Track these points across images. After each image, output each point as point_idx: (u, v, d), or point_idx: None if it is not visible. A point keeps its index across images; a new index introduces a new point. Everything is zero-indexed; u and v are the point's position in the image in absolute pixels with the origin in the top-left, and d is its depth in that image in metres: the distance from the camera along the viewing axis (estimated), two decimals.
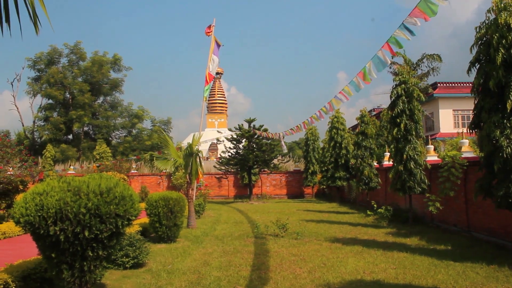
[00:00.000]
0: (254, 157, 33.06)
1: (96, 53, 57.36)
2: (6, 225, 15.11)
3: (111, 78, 57.75)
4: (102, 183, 6.45)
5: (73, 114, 52.90)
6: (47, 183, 6.59)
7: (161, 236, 13.50)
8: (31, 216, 6.15)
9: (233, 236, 15.02)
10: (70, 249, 6.34)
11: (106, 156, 40.79)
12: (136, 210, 6.76)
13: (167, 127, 58.43)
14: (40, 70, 56.41)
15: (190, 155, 16.44)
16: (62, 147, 50.48)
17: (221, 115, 65.25)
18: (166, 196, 13.44)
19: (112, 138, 58.33)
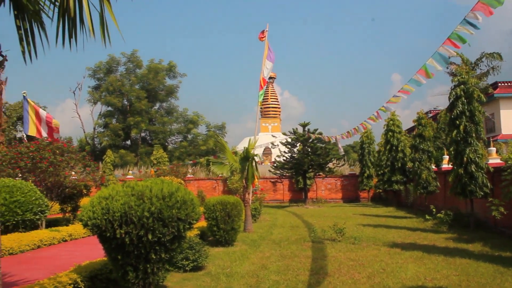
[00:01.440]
0: (309, 161, 32.92)
1: (152, 61, 58.83)
2: (72, 227, 15.70)
3: (166, 85, 59.02)
4: (164, 187, 6.62)
5: (131, 120, 54.45)
6: (112, 187, 6.82)
7: (219, 240, 13.67)
8: (98, 219, 6.38)
9: (289, 240, 15.01)
10: (135, 251, 6.53)
11: (163, 161, 41.64)
12: (197, 214, 6.89)
13: (221, 132, 59.14)
14: (99, 79, 58.53)
15: (247, 159, 16.58)
16: (121, 152, 52.07)
17: (275, 119, 65.37)
18: (224, 200, 13.60)
19: (168, 143, 59.56)
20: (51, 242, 13.71)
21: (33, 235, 13.30)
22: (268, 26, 23.76)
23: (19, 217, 13.78)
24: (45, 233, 14.03)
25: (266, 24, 25.65)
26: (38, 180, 16.68)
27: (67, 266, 9.28)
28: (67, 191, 17.53)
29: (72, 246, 13.69)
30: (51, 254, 12.04)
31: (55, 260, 11.02)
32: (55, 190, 17.28)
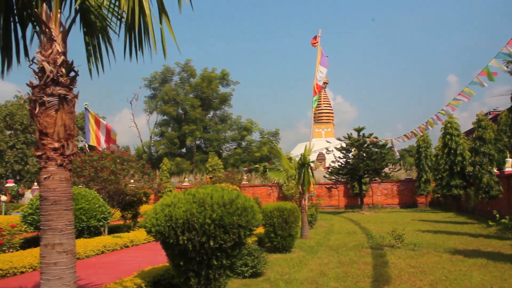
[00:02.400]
0: (364, 166, 32.53)
1: (205, 70, 59.84)
2: (133, 234, 16.16)
3: (220, 93, 59.82)
4: (225, 195, 6.74)
5: (186, 128, 55.53)
6: (174, 195, 7.01)
7: (276, 246, 13.72)
8: (161, 226, 6.57)
9: (347, 246, 14.88)
10: (197, 257, 6.67)
11: (218, 168, 42.19)
12: (257, 221, 6.97)
13: (275, 139, 59.29)
14: (155, 89, 60.10)
15: (303, 165, 16.59)
16: (177, 160, 53.15)
17: (328, 124, 64.88)
18: (281, 206, 13.65)
19: (223, 150, 60.26)
20: (114, 248, 14.15)
21: (97, 241, 13.78)
22: (320, 32, 23.72)
23: (84, 224, 14.30)
24: (108, 239, 14.50)
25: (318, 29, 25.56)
26: (101, 188, 17.30)
27: (130, 271, 9.57)
28: (128, 198, 18.10)
29: (134, 252, 14.08)
30: (114, 260, 12.43)
31: (118, 265, 11.37)
32: (116, 198, 17.88)
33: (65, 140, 4.57)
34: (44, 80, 4.50)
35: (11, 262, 10.13)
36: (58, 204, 4.47)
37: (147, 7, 4.57)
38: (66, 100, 4.58)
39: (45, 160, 4.51)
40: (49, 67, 4.49)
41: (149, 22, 4.61)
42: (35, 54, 4.60)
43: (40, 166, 4.56)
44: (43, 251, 4.48)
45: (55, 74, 4.50)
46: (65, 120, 4.57)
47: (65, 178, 4.59)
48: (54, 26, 4.57)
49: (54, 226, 4.45)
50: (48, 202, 4.47)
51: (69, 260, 4.53)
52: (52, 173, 4.51)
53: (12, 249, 12.57)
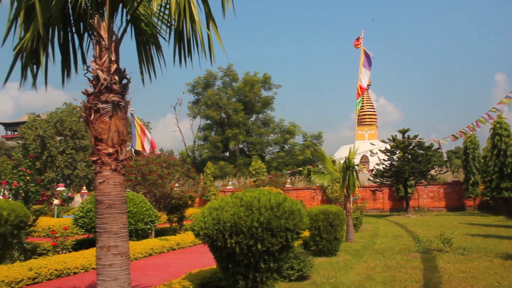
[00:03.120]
0: (409, 168, 31.98)
1: (247, 74, 60.06)
2: (180, 237, 16.40)
3: (262, 97, 59.92)
4: (272, 198, 6.78)
5: (229, 132, 55.92)
6: (221, 198, 7.10)
7: (322, 250, 13.67)
8: (209, 229, 6.66)
9: (393, 250, 14.67)
10: (244, 260, 6.73)
11: (262, 172, 42.30)
12: (304, 224, 6.98)
13: (318, 141, 58.95)
14: (198, 94, 60.79)
15: (347, 168, 16.48)
16: (220, 164, 53.58)
17: (371, 126, 64.09)
18: (326, 210, 13.60)
19: (266, 154, 60.29)
20: (161, 250, 14.39)
21: (145, 243, 14.05)
22: (363, 33, 23.50)
23: (132, 227, 14.60)
24: (155, 242, 14.77)
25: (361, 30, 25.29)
26: (147, 192, 17.65)
27: (178, 273, 9.74)
28: (174, 202, 18.39)
29: (180, 255, 14.28)
30: (162, 262, 12.65)
31: (166, 268, 11.57)
32: (163, 201, 18.20)
33: (118, 146, 4.72)
34: (99, 88, 4.66)
35: (65, 263, 10.46)
36: (112, 208, 4.62)
37: (196, 13, 4.67)
38: (119, 106, 4.74)
39: (100, 165, 4.67)
40: (103, 75, 4.65)
41: (198, 28, 4.71)
42: (90, 63, 4.77)
43: (95, 171, 4.73)
44: (99, 253, 4.63)
45: (108, 81, 4.66)
46: (119, 126, 4.72)
47: (119, 182, 4.74)
48: (107, 36, 4.73)
49: (109, 229, 4.60)
50: (103, 206, 4.62)
51: (124, 262, 4.67)
52: (106, 177, 4.66)
53: (65, 251, 12.99)
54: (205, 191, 33.81)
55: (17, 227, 10.02)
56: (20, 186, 12.95)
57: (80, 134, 54.37)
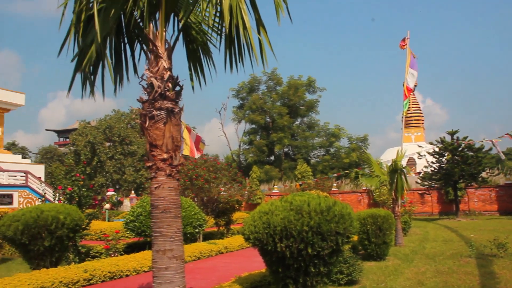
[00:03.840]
0: (459, 171, 31.19)
1: (291, 77, 60.09)
2: (227, 241, 16.54)
3: (306, 100, 59.80)
4: (322, 202, 6.75)
5: (274, 136, 56.06)
6: (271, 202, 7.13)
7: (370, 254, 13.50)
8: (260, 233, 6.70)
9: (444, 255, 14.32)
10: (294, 264, 6.73)
11: (307, 175, 42.17)
12: (354, 228, 6.92)
13: (364, 144, 58.29)
14: (242, 98, 61.27)
15: (395, 171, 16.23)
16: (265, 168, 53.74)
17: (418, 128, 62.85)
18: (374, 213, 13.43)
19: (311, 157, 60.11)
20: (209, 254, 14.55)
21: (194, 247, 14.24)
22: (408, 33, 23.12)
23: None
24: (203, 245, 14.95)
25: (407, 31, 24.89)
26: (195, 196, 17.90)
27: (227, 277, 9.83)
28: (221, 206, 18.58)
29: (228, 258, 14.39)
30: (210, 265, 12.79)
31: (214, 271, 11.69)
32: (210, 205, 18.42)
33: (173, 151, 4.84)
34: (153, 95, 4.79)
35: (118, 265, 10.75)
36: (168, 212, 4.74)
37: (247, 20, 4.74)
38: (173, 113, 4.86)
39: (155, 171, 4.80)
40: (157, 83, 4.78)
41: (250, 35, 4.77)
42: (144, 71, 4.92)
43: (151, 176, 4.86)
44: (155, 256, 4.75)
45: (162, 89, 4.79)
46: (173, 132, 4.84)
47: (174, 187, 4.85)
48: (160, 44, 4.86)
49: (164, 233, 4.72)
50: (159, 210, 4.74)
51: (179, 265, 4.77)
52: (161, 182, 4.78)
53: (117, 253, 13.32)
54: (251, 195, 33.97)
55: (72, 230, 10.35)
56: (74, 191, 13.37)
57: (128, 140, 55.68)
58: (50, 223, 9.79)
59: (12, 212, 10.42)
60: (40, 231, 9.73)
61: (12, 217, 9.90)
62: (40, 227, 9.71)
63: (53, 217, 9.87)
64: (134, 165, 54.95)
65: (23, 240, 9.69)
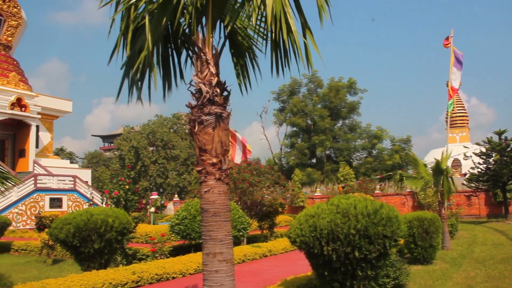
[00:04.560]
0: (508, 172, 30.26)
1: (332, 79, 59.76)
2: (271, 244, 16.57)
3: (348, 102, 59.34)
4: (369, 205, 6.71)
5: (316, 139, 55.84)
6: (317, 206, 7.12)
7: (417, 257, 13.27)
8: (306, 237, 6.71)
9: (495, 259, 13.93)
10: (341, 268, 6.70)
11: (350, 178, 41.82)
12: (402, 231, 6.84)
13: (407, 146, 57.35)
14: (283, 101, 61.29)
15: (440, 172, 15.92)
16: (307, 170, 53.57)
17: (462, 128, 61.40)
18: (420, 216, 13.21)
19: (353, 159, 59.54)
20: (253, 257, 14.60)
21: (238, 250, 14.32)
22: (452, 32, 22.65)
23: None
24: (248, 248, 15.02)
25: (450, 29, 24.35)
26: (238, 199, 18.03)
27: (272, 280, 9.87)
28: (264, 209, 18.64)
29: (272, 261, 14.40)
30: (255, 268, 12.84)
31: (259, 274, 11.73)
32: (254, 209, 18.50)
33: (222, 156, 4.91)
34: (201, 101, 4.89)
35: (164, 268, 10.95)
36: (217, 216, 4.81)
37: (292, 24, 4.77)
38: (221, 118, 4.94)
39: (204, 175, 4.89)
40: (205, 88, 4.87)
41: (296, 39, 4.80)
42: (192, 77, 5.02)
43: (200, 181, 4.95)
44: (205, 260, 4.83)
45: (211, 94, 4.88)
46: (221, 137, 4.92)
47: (223, 191, 4.93)
48: (208, 50, 4.95)
49: (214, 236, 4.79)
50: (209, 214, 4.82)
51: (229, 268, 4.84)
52: (211, 186, 4.86)
53: (163, 256, 13.55)
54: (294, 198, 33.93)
55: (121, 233, 10.60)
56: (120, 195, 13.69)
57: (171, 144, 56.57)
58: (100, 226, 10.06)
59: (64, 216, 10.75)
60: (90, 233, 10.00)
61: (64, 220, 10.22)
62: (90, 230, 9.99)
63: (102, 221, 10.14)
64: (177, 169, 55.78)
65: (75, 242, 9.98)
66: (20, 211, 29.74)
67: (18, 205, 29.77)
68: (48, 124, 39.78)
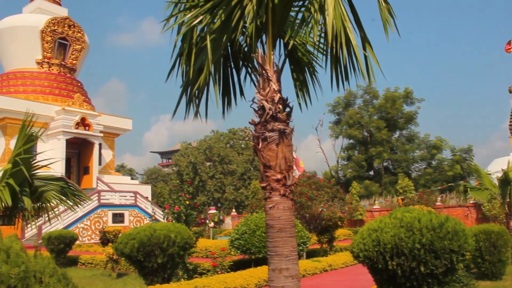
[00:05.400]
0: None
1: (387, 90, 58.80)
2: (331, 258, 16.41)
3: (404, 112, 58.21)
4: (433, 218, 6.54)
5: (373, 151, 55.03)
6: (379, 219, 7.01)
7: (484, 273, 12.78)
8: (369, 251, 6.60)
9: None
10: (407, 283, 6.55)
11: (409, 190, 40.85)
12: (470, 245, 6.62)
13: (468, 155, 55.49)
14: (339, 114, 60.79)
15: (507, 183, 15.31)
16: (365, 183, 52.75)
17: None
18: (487, 229, 12.73)
19: (412, 171, 58.18)
20: (313, 271, 14.49)
21: (299, 265, 14.24)
22: None
23: None
24: (308, 263, 14.93)
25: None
26: (297, 214, 17.97)
27: None
28: (324, 223, 18.49)
29: (333, 276, 14.24)
30: (317, 284, 12.74)
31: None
32: (313, 223, 18.39)
33: (286, 172, 4.95)
34: (265, 117, 4.96)
35: (226, 283, 11.05)
36: (283, 232, 4.85)
37: (352, 38, 4.79)
38: (284, 134, 4.99)
39: (269, 191, 4.94)
40: (268, 105, 4.94)
41: (356, 53, 4.81)
42: (254, 94, 5.12)
43: (265, 197, 5.01)
44: (271, 275, 4.86)
45: (273, 111, 4.95)
46: (285, 153, 4.96)
47: (288, 207, 4.96)
48: (269, 67, 5.03)
49: (280, 252, 4.82)
50: (274, 230, 4.86)
51: (295, 284, 4.85)
52: (276, 202, 4.91)
53: (223, 271, 13.68)
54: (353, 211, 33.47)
55: (183, 248, 10.79)
56: (181, 210, 13.95)
57: (228, 159, 57.16)
58: (162, 241, 10.29)
59: (128, 231, 11.07)
60: (153, 248, 10.24)
61: (128, 236, 10.52)
62: (153, 245, 10.23)
63: (165, 236, 10.37)
64: (234, 184, 56.25)
65: (139, 257, 10.25)
66: (85, 226, 30.84)
67: (84, 220, 30.87)
68: (110, 142, 41.18)
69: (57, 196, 8.29)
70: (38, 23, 37.72)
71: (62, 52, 39.37)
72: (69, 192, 8.56)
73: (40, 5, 40.48)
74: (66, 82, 38.69)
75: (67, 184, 8.67)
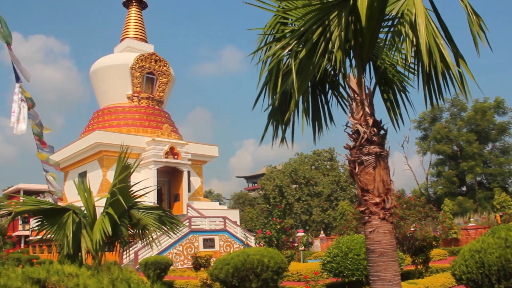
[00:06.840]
0: None
1: (476, 101, 56.27)
2: (428, 280, 15.74)
3: (496, 123, 55.42)
4: None
5: (464, 165, 52.69)
6: (482, 240, 6.72)
7: None
8: (473, 274, 6.33)
9: None
10: None
11: (508, 205, 38.60)
12: None
13: None
14: (425, 129, 58.92)
15: None
16: (458, 199, 50.48)
17: None
18: None
19: (509, 185, 55.00)
20: None
21: None
22: None
23: None
24: (404, 285, 14.40)
25: None
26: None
27: None
28: (417, 243, 17.84)
29: None
30: None
31: None
32: (406, 243, 17.79)
33: (384, 195, 4.90)
34: (360, 141, 4.96)
35: None
36: (384, 256, 4.77)
37: (446, 55, 4.70)
38: (381, 157, 4.96)
39: (368, 215, 4.90)
40: (362, 129, 4.95)
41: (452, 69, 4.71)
42: (348, 118, 5.14)
43: (364, 221, 4.97)
44: None
45: (368, 134, 4.94)
46: (383, 176, 4.92)
47: (388, 230, 4.89)
48: (361, 91, 5.04)
49: (382, 277, 4.74)
50: (375, 254, 4.80)
51: None
52: (376, 226, 4.86)
53: None
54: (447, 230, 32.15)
55: (276, 273, 10.83)
56: (272, 234, 14.05)
57: (313, 181, 56.91)
58: (256, 266, 10.39)
59: (222, 256, 11.29)
60: (247, 273, 10.36)
61: (223, 261, 10.73)
62: (247, 270, 10.35)
63: (258, 261, 10.46)
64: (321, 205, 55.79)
65: (234, 282, 10.41)
66: (178, 251, 31.69)
67: (176, 246, 31.74)
68: (198, 169, 42.35)
69: (156, 224, 8.67)
70: (128, 61, 39.97)
71: (150, 86, 41.39)
72: (167, 220, 8.95)
73: (129, 44, 43.01)
74: (154, 114, 40.58)
75: (164, 212, 9.07)
